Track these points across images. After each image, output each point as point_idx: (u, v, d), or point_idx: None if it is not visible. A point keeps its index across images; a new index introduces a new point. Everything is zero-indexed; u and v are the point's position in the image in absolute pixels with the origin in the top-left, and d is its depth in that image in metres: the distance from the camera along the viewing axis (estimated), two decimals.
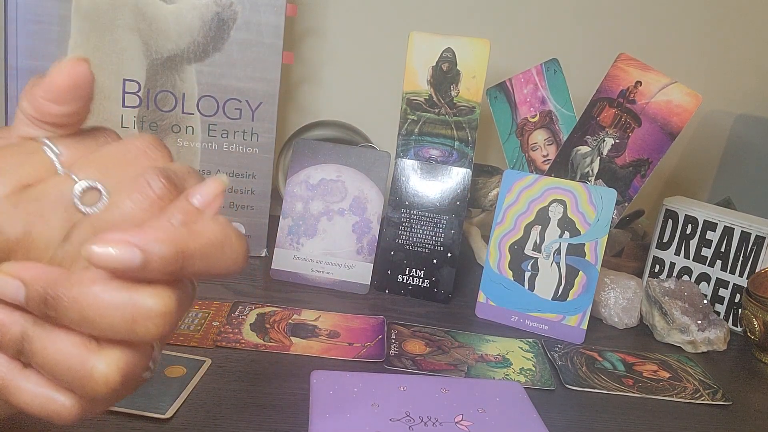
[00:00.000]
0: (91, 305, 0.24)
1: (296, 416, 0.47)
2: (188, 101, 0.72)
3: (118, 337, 0.24)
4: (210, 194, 0.26)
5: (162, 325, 0.24)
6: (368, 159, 0.72)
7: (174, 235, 0.24)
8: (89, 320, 0.24)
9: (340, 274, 0.71)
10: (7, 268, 0.24)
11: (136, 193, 0.25)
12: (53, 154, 0.26)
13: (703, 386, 0.59)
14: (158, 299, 0.24)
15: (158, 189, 0.25)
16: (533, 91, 0.77)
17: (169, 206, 0.25)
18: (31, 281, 0.24)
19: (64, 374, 0.24)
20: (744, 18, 1.01)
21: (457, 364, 0.57)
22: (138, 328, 0.24)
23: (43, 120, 0.26)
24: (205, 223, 0.25)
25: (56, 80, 0.25)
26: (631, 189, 0.71)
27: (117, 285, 0.24)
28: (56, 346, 0.24)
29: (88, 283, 0.24)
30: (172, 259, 0.24)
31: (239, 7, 0.70)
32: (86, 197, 0.25)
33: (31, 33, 0.68)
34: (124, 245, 0.23)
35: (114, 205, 0.25)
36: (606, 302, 0.71)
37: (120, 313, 0.24)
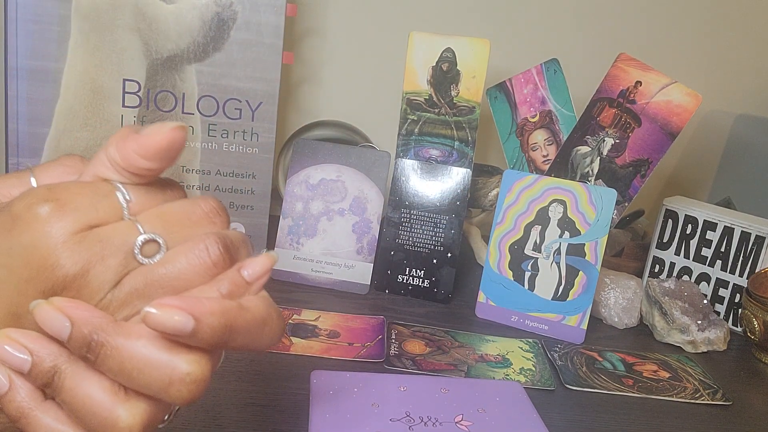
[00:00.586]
0: (133, 359, 0.24)
1: (296, 416, 0.47)
2: (188, 101, 0.72)
3: (149, 394, 0.25)
4: (260, 270, 0.27)
5: (195, 392, 0.25)
6: (368, 159, 0.72)
7: (226, 309, 0.25)
8: (126, 373, 0.24)
9: (340, 274, 0.71)
10: (58, 303, 0.24)
11: (193, 255, 0.26)
12: (124, 200, 0.27)
13: (703, 386, 0.59)
14: (197, 366, 0.25)
15: (215, 256, 0.26)
16: (533, 91, 0.77)
17: (221, 276, 0.26)
18: (79, 322, 0.24)
19: (88, 417, 0.25)
20: (744, 18, 1.01)
21: (457, 364, 0.57)
22: (172, 390, 0.25)
23: (128, 170, 0.27)
24: (253, 300, 0.27)
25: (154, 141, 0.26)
26: (631, 189, 0.71)
27: (161, 345, 0.25)
28: (86, 389, 0.25)
29: (134, 337, 0.25)
30: (220, 332, 0.25)
31: (239, 7, 0.70)
32: (146, 248, 0.26)
33: (31, 33, 0.68)
34: (181, 312, 0.24)
35: (169, 261, 0.26)
36: (606, 302, 0.71)
37: (158, 373, 0.25)
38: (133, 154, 0.26)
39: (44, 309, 0.24)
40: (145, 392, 0.25)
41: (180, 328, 0.24)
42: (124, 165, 0.27)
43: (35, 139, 0.70)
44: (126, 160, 0.27)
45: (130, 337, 0.24)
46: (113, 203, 0.26)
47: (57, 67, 0.69)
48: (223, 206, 0.29)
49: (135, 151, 0.26)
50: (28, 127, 0.70)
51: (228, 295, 0.26)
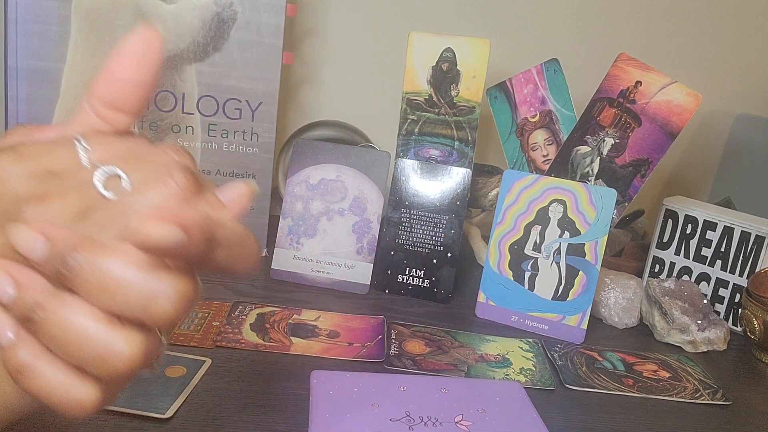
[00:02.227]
0: (112, 275, 0.24)
1: (296, 416, 0.47)
2: (188, 101, 0.72)
3: (131, 314, 0.24)
4: (237, 193, 0.27)
5: (178, 310, 0.24)
6: (368, 159, 0.72)
7: (207, 221, 0.24)
8: (106, 290, 0.24)
9: (340, 274, 0.71)
10: (36, 224, 0.24)
11: (159, 183, 0.25)
12: (82, 149, 0.26)
13: (703, 386, 0.59)
14: (180, 283, 0.24)
15: (181, 182, 0.26)
16: (533, 91, 0.77)
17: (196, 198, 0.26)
18: (56, 239, 0.24)
19: (84, 352, 0.24)
20: (744, 18, 1.01)
21: (457, 364, 0.57)
22: (155, 307, 0.24)
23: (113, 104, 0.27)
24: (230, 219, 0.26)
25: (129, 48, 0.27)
26: (631, 189, 0.71)
27: (142, 263, 0.24)
28: (78, 321, 0.24)
29: (113, 254, 0.24)
30: (204, 244, 0.24)
31: (239, 7, 0.70)
32: (108, 183, 0.25)
33: (31, 33, 0.68)
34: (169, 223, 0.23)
35: (136, 193, 0.25)
36: (606, 302, 0.71)
37: (139, 289, 0.24)
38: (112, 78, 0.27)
39: (21, 229, 0.24)
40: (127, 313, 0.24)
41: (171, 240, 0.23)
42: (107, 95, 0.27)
43: None
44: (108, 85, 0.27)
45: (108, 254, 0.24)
46: (71, 151, 0.26)
47: (57, 67, 0.69)
48: (185, 149, 0.28)
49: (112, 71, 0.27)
50: None
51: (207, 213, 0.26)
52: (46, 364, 0.25)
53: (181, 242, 0.23)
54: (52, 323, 0.24)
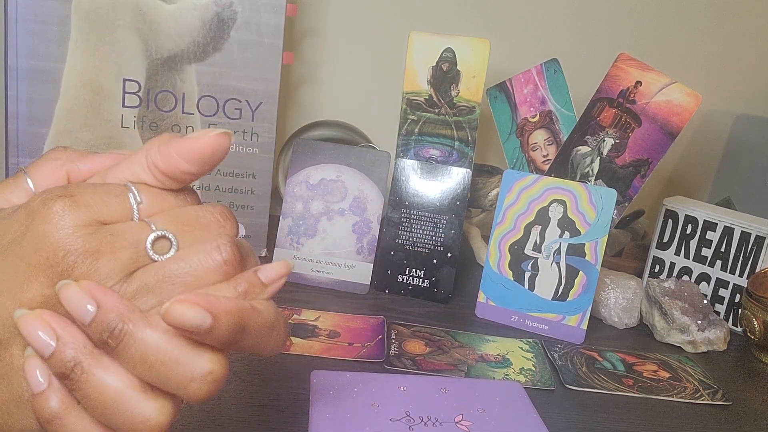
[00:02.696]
0: (157, 351, 0.24)
1: (296, 416, 0.47)
2: (188, 101, 0.72)
3: (167, 389, 0.25)
4: (276, 273, 0.28)
5: (213, 390, 0.26)
6: (368, 159, 0.72)
7: (241, 308, 0.25)
8: (148, 364, 0.24)
9: (340, 274, 0.71)
10: (86, 285, 0.24)
11: (206, 253, 0.26)
12: (135, 201, 0.27)
13: (703, 386, 0.59)
14: (218, 365, 0.25)
15: (227, 255, 0.26)
16: (533, 91, 0.77)
17: (237, 275, 0.27)
18: (105, 306, 0.24)
19: (116, 415, 0.25)
20: (744, 18, 1.01)
21: (457, 364, 0.57)
22: (192, 387, 0.25)
23: (166, 173, 0.28)
24: (264, 303, 0.27)
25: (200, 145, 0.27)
26: (631, 189, 0.71)
27: (184, 341, 0.25)
28: (114, 384, 0.25)
29: (159, 330, 0.25)
30: (234, 330, 0.25)
31: (239, 7, 0.70)
32: (158, 245, 0.26)
33: (31, 33, 0.68)
34: (199, 308, 0.24)
35: (181, 258, 0.26)
36: (606, 302, 0.71)
37: (181, 368, 0.25)
38: (177, 157, 0.27)
39: (71, 288, 0.24)
40: (164, 387, 0.25)
41: (198, 324, 0.24)
42: (163, 167, 0.27)
43: (35, 139, 0.70)
44: (167, 162, 0.27)
45: (155, 329, 0.25)
46: (124, 203, 0.27)
47: (57, 67, 0.69)
48: (231, 212, 0.29)
49: (179, 153, 0.27)
50: (28, 127, 0.70)
51: (243, 294, 0.27)
52: (75, 417, 0.25)
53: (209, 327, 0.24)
54: (89, 384, 0.25)
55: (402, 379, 0.52)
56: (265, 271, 0.28)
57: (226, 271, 0.27)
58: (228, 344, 0.26)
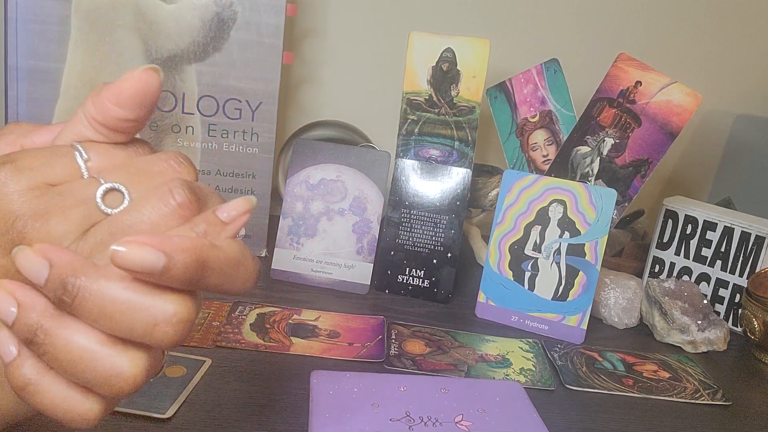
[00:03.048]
0: (115, 301, 0.24)
1: (296, 416, 0.47)
2: (188, 101, 0.72)
3: (132, 338, 0.24)
4: (237, 210, 0.27)
5: (180, 332, 0.25)
6: (368, 159, 0.72)
7: (197, 246, 0.24)
8: (108, 316, 0.24)
9: (340, 274, 0.71)
10: (39, 248, 0.24)
11: (158, 200, 0.25)
12: (81, 159, 0.27)
13: (703, 386, 0.59)
14: (180, 306, 0.25)
15: (180, 198, 0.25)
16: (533, 91, 0.77)
17: (195, 217, 0.26)
18: (58, 264, 0.24)
19: (88, 372, 0.24)
20: (744, 18, 1.01)
21: (457, 364, 0.57)
22: (157, 332, 0.24)
23: (104, 123, 0.27)
24: (226, 240, 0.26)
25: (126, 86, 0.26)
26: (631, 189, 0.71)
27: (142, 286, 0.24)
28: (81, 342, 0.24)
29: (115, 279, 0.24)
30: (193, 269, 0.24)
31: (239, 7, 0.70)
32: (108, 199, 0.26)
33: (31, 33, 0.68)
34: (150, 249, 0.23)
35: (135, 208, 0.25)
36: (606, 302, 0.71)
37: (142, 315, 0.24)
38: (108, 104, 0.26)
39: (24, 253, 0.24)
40: (128, 337, 0.24)
41: (150, 265, 0.23)
42: (100, 118, 0.27)
43: None
44: (101, 112, 0.27)
45: (110, 279, 0.24)
46: (70, 162, 0.26)
47: (57, 67, 0.69)
48: (187, 158, 0.28)
49: (109, 99, 0.26)
50: None
51: (203, 234, 0.26)
52: (49, 381, 0.25)
53: (163, 268, 0.23)
54: (54, 345, 0.24)
55: (402, 379, 0.52)
56: (224, 209, 0.27)
57: (182, 215, 0.26)
58: (189, 284, 0.25)
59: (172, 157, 0.28)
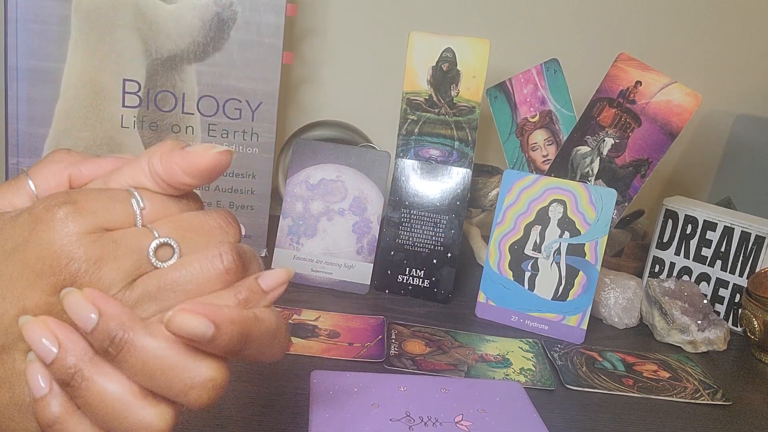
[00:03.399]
0: (157, 359, 0.25)
1: (296, 416, 0.47)
2: (188, 101, 0.72)
3: (167, 396, 0.25)
4: (277, 281, 0.28)
5: (213, 397, 0.26)
6: (368, 159, 0.72)
7: (243, 318, 0.26)
8: (149, 372, 0.25)
9: (340, 274, 0.71)
10: (89, 293, 0.24)
11: (207, 261, 0.26)
12: (138, 207, 0.27)
13: (703, 386, 0.59)
14: (218, 372, 0.26)
15: (228, 263, 0.27)
16: (533, 91, 0.77)
17: (238, 283, 0.27)
18: (107, 314, 0.24)
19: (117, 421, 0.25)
20: (744, 18, 1.01)
21: (457, 364, 0.57)
22: (192, 394, 0.25)
23: (168, 183, 0.28)
24: (266, 311, 0.27)
25: (202, 161, 0.27)
26: (631, 189, 0.71)
27: (184, 349, 0.25)
28: (114, 391, 0.25)
29: (160, 339, 0.25)
30: (237, 340, 0.25)
31: (239, 7, 0.70)
32: (160, 252, 0.27)
33: (31, 33, 0.68)
34: (203, 318, 0.24)
35: (183, 266, 0.26)
36: (606, 302, 0.71)
37: (181, 376, 0.25)
38: (178, 170, 0.27)
39: (75, 296, 0.24)
40: (164, 394, 0.25)
41: (200, 334, 0.24)
42: (165, 177, 0.28)
43: (35, 140, 0.70)
44: (169, 173, 0.27)
45: (156, 337, 0.25)
46: (127, 209, 0.27)
47: (57, 67, 0.69)
48: (235, 218, 0.29)
49: (180, 166, 0.27)
50: (28, 127, 0.70)
51: (244, 302, 0.27)
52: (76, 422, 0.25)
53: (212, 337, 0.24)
54: (89, 391, 0.25)
55: (402, 379, 0.52)
56: (265, 278, 0.28)
57: (227, 279, 0.27)
58: (230, 353, 0.26)
59: (222, 217, 0.29)
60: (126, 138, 0.72)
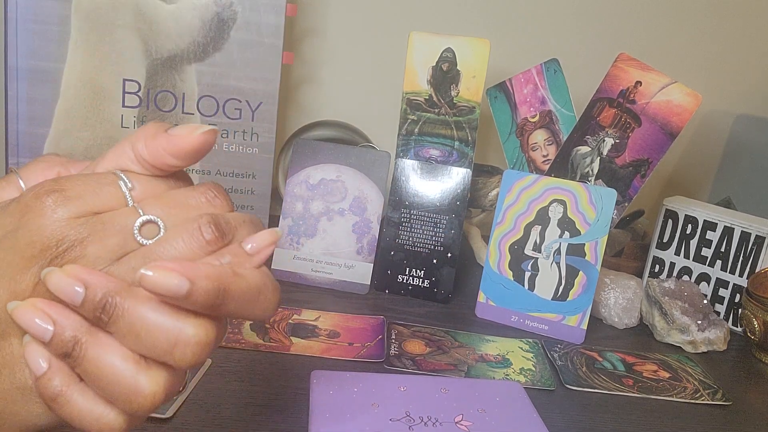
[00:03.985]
0: (141, 319, 0.25)
1: (296, 416, 0.47)
2: (188, 101, 0.72)
3: (153, 357, 0.26)
4: (263, 243, 0.29)
5: (198, 354, 0.26)
6: (368, 159, 0.72)
7: (219, 273, 0.26)
8: (134, 333, 0.25)
9: (340, 274, 0.71)
10: (70, 270, 0.25)
11: (188, 234, 0.27)
12: (126, 188, 0.28)
13: (703, 386, 0.59)
14: (200, 329, 0.26)
15: (208, 235, 0.27)
16: (533, 91, 0.77)
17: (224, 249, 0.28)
18: (93, 285, 0.25)
19: (111, 387, 0.26)
20: (744, 18, 1.01)
21: (457, 364, 0.57)
22: (176, 352, 0.26)
23: (154, 165, 0.28)
24: (249, 269, 0.28)
25: (187, 142, 0.28)
26: (631, 189, 0.71)
27: (166, 308, 0.26)
28: (108, 358, 0.26)
29: (143, 299, 0.26)
30: (214, 295, 0.26)
31: (239, 7, 0.70)
32: (145, 230, 0.27)
33: (31, 33, 0.68)
34: (175, 274, 0.25)
35: (167, 240, 0.27)
36: (606, 302, 0.71)
37: (164, 335, 0.26)
38: (163, 152, 0.28)
39: (56, 275, 0.25)
40: (150, 355, 0.26)
41: (175, 290, 0.24)
42: (150, 160, 0.28)
43: (35, 140, 0.70)
44: (154, 156, 0.28)
45: (139, 300, 0.25)
46: (115, 191, 0.28)
47: (57, 67, 0.69)
48: (222, 189, 0.30)
49: (165, 149, 0.28)
50: (28, 127, 0.70)
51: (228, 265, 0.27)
52: (77, 393, 0.26)
53: (187, 292, 0.25)
54: (87, 359, 0.26)
55: (402, 379, 0.52)
56: (250, 241, 0.28)
57: (210, 250, 0.27)
58: (210, 309, 0.26)
59: (207, 191, 0.29)
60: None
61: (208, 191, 0.29)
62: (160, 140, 0.28)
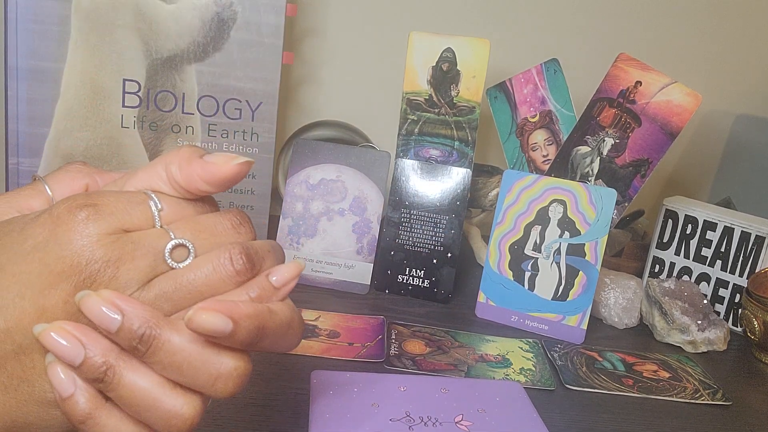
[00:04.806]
0: (183, 352, 0.26)
1: (296, 416, 0.47)
2: (188, 101, 0.72)
3: (194, 387, 0.27)
4: (288, 276, 0.29)
5: (239, 386, 0.27)
6: (368, 159, 0.72)
7: (259, 312, 0.27)
8: (176, 366, 0.26)
9: (340, 274, 0.71)
10: (107, 295, 0.25)
11: (219, 263, 0.27)
12: (156, 208, 0.28)
13: (703, 386, 0.59)
14: (240, 362, 0.27)
15: (238, 265, 0.28)
16: (533, 91, 0.77)
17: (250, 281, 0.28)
18: (130, 314, 0.25)
19: (148, 412, 0.26)
20: (744, 18, 1.01)
21: (457, 364, 0.57)
22: (218, 384, 0.27)
23: (187, 190, 0.29)
24: (280, 305, 0.29)
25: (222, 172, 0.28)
26: (631, 189, 0.71)
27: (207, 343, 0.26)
28: (144, 383, 0.26)
29: (185, 334, 0.26)
30: (254, 334, 0.26)
31: (239, 7, 0.70)
32: (176, 253, 0.27)
33: (31, 33, 0.68)
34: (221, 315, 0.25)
35: (197, 266, 0.27)
36: (606, 302, 0.71)
37: (206, 368, 0.26)
38: (197, 178, 0.28)
39: (93, 300, 0.25)
40: (191, 386, 0.26)
41: (220, 330, 0.25)
42: (183, 184, 0.29)
43: (35, 140, 0.70)
44: (188, 181, 0.28)
45: (180, 332, 0.26)
46: (145, 211, 0.28)
47: (57, 67, 0.69)
48: (247, 218, 0.30)
49: (200, 175, 0.28)
50: (28, 127, 0.70)
51: (257, 299, 0.28)
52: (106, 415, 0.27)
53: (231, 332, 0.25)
54: (121, 385, 0.26)
55: (402, 379, 0.52)
56: (276, 274, 0.29)
57: (239, 281, 0.28)
58: (248, 346, 0.27)
59: (234, 217, 0.30)
60: (126, 138, 0.72)
61: (234, 218, 0.30)
62: (195, 166, 0.28)
